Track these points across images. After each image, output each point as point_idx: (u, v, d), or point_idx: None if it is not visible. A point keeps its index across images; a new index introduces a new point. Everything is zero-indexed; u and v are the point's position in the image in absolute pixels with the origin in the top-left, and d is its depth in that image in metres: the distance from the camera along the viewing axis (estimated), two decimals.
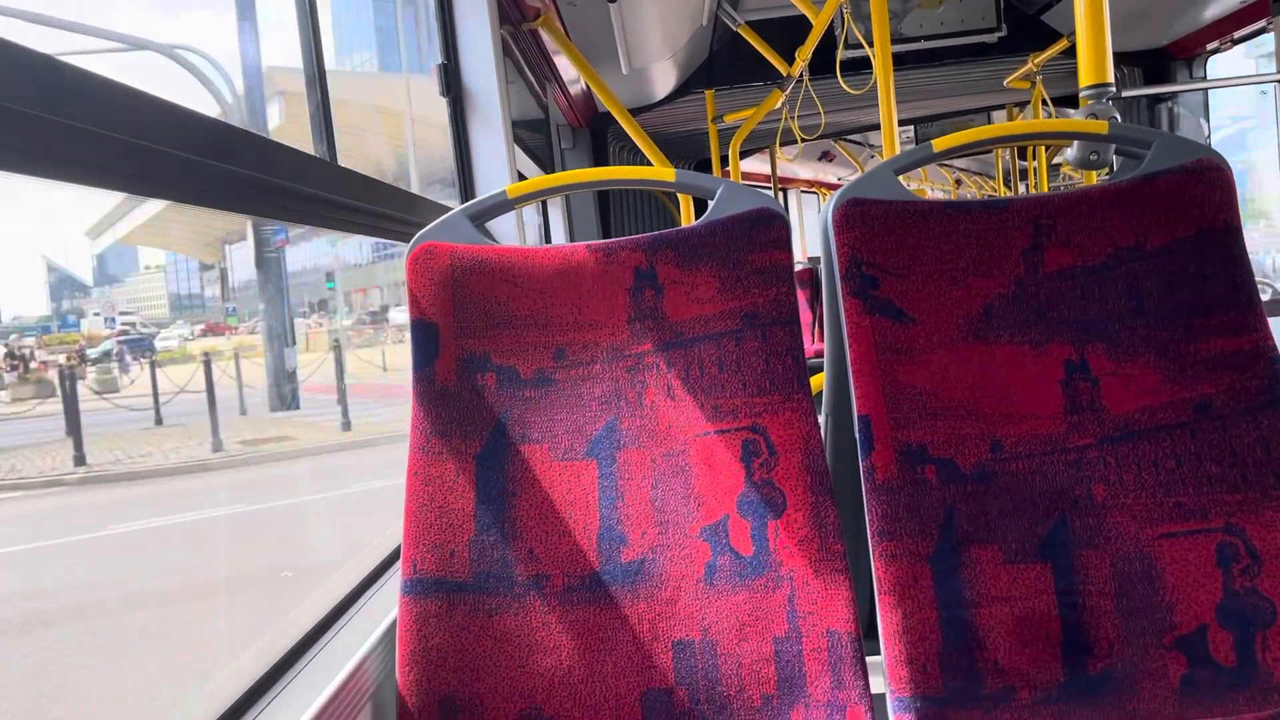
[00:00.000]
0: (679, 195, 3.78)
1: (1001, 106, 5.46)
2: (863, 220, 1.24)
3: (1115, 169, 1.36)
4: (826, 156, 8.64)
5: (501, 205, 1.33)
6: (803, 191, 11.60)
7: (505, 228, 2.04)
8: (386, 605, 1.30)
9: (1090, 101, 1.39)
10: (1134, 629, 1.13)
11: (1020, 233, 1.25)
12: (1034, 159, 6.83)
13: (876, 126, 2.74)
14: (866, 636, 1.17)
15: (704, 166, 6.26)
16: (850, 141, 7.43)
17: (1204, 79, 4.24)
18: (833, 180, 10.91)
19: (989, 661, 1.12)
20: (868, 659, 1.14)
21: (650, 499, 1.21)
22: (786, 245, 1.26)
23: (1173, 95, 4.21)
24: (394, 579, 1.40)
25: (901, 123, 2.88)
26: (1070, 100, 5.11)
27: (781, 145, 4.80)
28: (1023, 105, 5.35)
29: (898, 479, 1.17)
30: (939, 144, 1.31)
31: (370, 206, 1.46)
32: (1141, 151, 1.28)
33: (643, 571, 1.19)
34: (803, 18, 3.17)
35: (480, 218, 1.32)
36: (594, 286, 1.28)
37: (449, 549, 1.20)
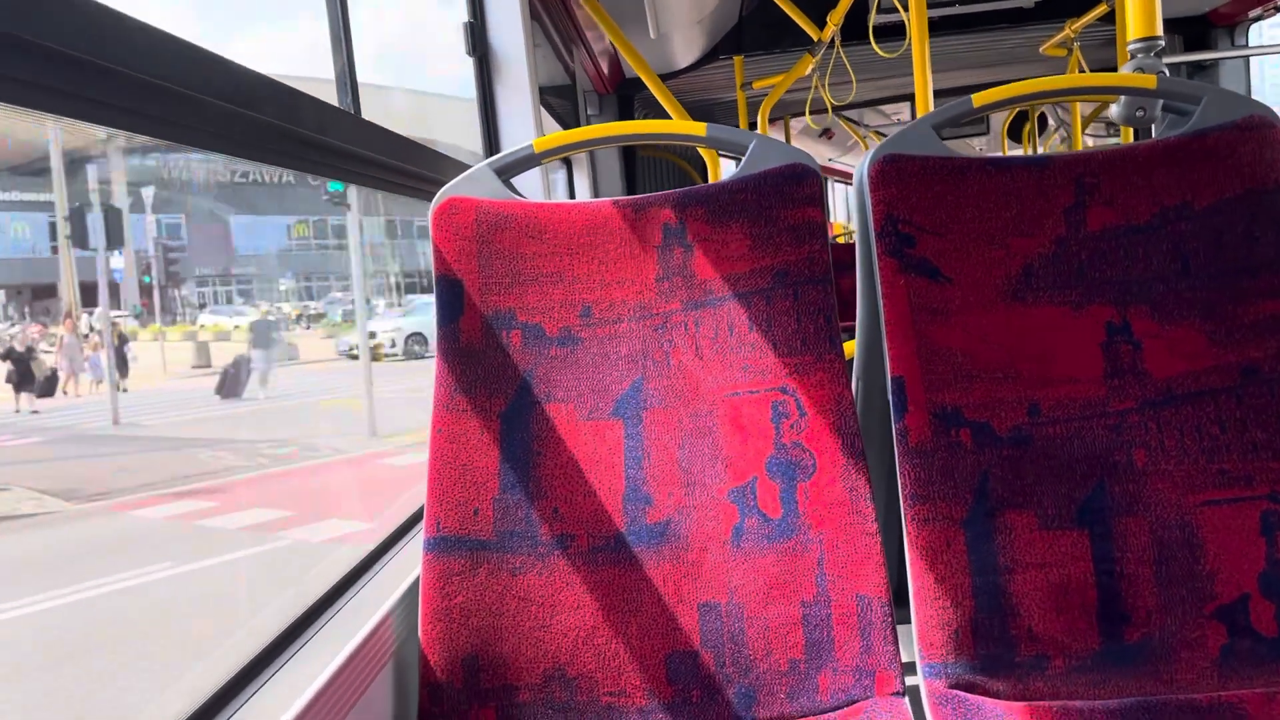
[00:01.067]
0: (705, 157, 3.73)
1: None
2: (899, 177, 1.21)
3: (1159, 129, 1.32)
4: (826, 134, 8.51)
5: (528, 160, 1.31)
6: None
7: (531, 186, 2.01)
8: (410, 563, 1.29)
9: (1138, 56, 1.35)
10: (1173, 597, 1.10)
11: (1062, 190, 1.22)
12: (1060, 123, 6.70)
13: (909, 96, 2.69)
14: (896, 602, 1.15)
15: None
16: (846, 118, 7.31)
17: (1246, 46, 4.14)
18: (822, 161, 10.77)
19: (1023, 628, 1.10)
20: (898, 623, 1.12)
21: (677, 459, 1.19)
22: (819, 202, 1.23)
23: (1214, 62, 4.11)
24: (418, 537, 1.39)
25: (936, 93, 2.82)
26: (1106, 70, 5.00)
27: (811, 113, 4.73)
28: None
29: (931, 442, 1.14)
30: (978, 99, 1.27)
31: (394, 163, 1.44)
32: (1190, 108, 1.23)
33: (669, 532, 1.17)
34: None
35: (506, 172, 1.30)
36: (621, 243, 1.25)
37: (472, 507, 1.18)
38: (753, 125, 4.43)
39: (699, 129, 1.30)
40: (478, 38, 2.04)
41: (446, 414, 1.21)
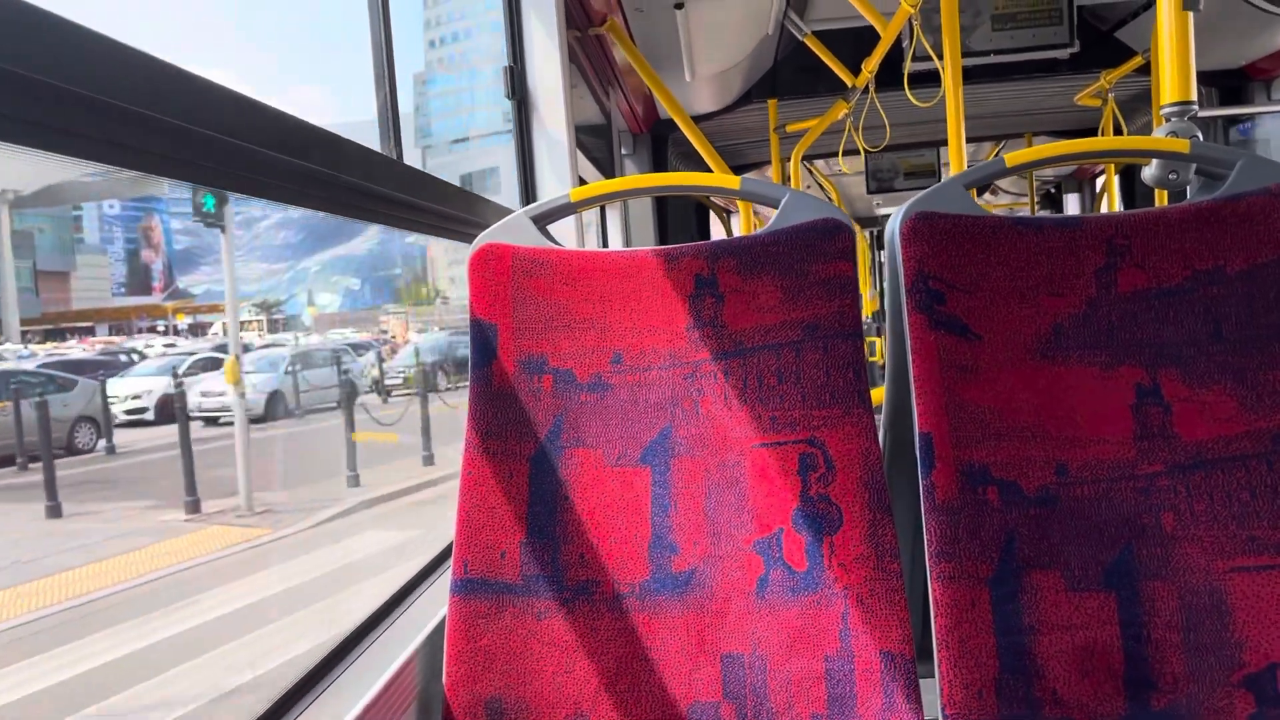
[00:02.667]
0: (740, 204, 3.76)
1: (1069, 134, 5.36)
2: (931, 234, 1.22)
3: (1193, 190, 1.32)
4: None
5: (564, 208, 1.33)
6: None
7: (564, 231, 2.04)
8: (436, 604, 1.30)
9: (1172, 120, 1.35)
10: (1201, 665, 1.09)
11: (1094, 251, 1.22)
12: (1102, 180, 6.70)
13: (942, 142, 2.70)
14: (920, 658, 1.14)
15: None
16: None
17: None
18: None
19: (1047, 691, 1.09)
20: (921, 681, 1.11)
21: (703, 509, 1.20)
22: (851, 256, 1.25)
23: (1250, 117, 4.10)
24: (443, 578, 1.40)
25: (968, 139, 2.84)
26: (1140, 120, 5.00)
27: (844, 156, 4.76)
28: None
29: (958, 499, 1.14)
30: (1011, 159, 1.28)
31: (434, 206, 1.47)
32: (1223, 172, 1.24)
33: (693, 582, 1.18)
34: (870, 28, 3.14)
35: (542, 220, 1.32)
36: (654, 292, 1.27)
37: (500, 550, 1.19)
38: (785, 160, 4.46)
39: (733, 182, 1.32)
40: (517, 81, 2.08)
41: (477, 456, 1.22)
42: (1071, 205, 7.69)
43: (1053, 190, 7.84)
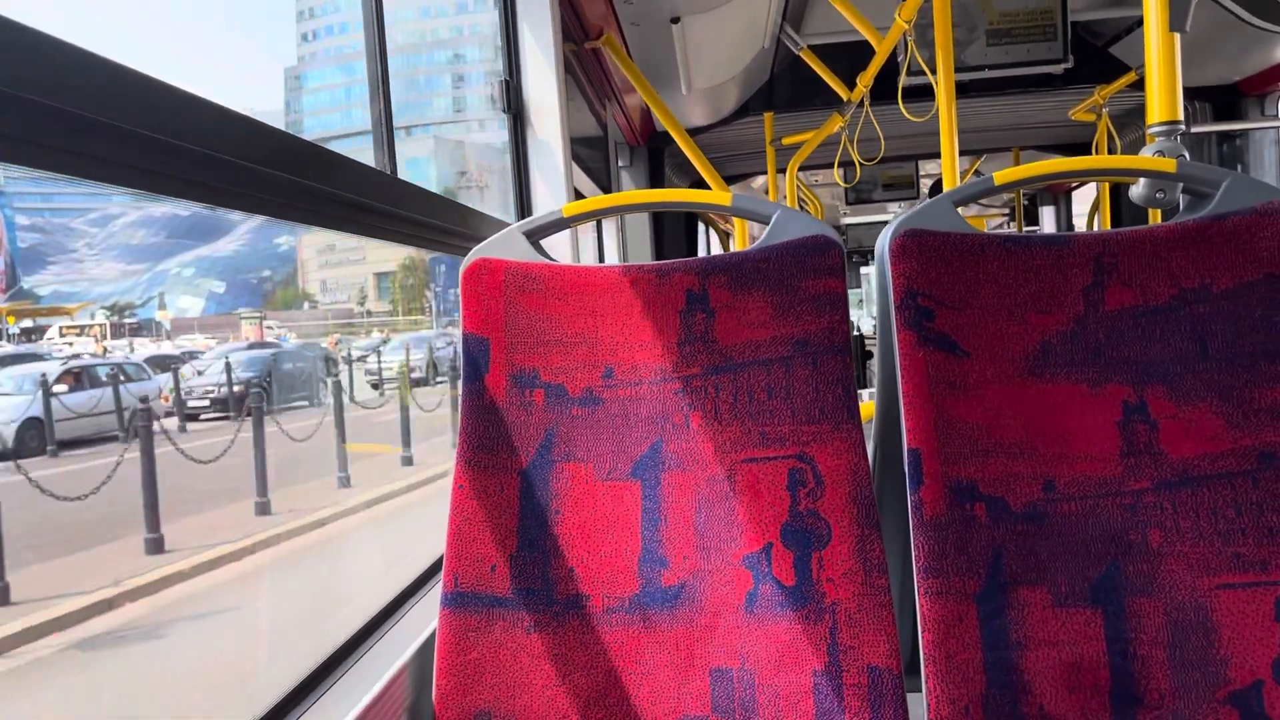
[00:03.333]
0: (735, 219, 3.78)
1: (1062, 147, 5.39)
2: (920, 251, 1.23)
3: (1181, 208, 1.33)
4: None
5: (558, 223, 1.34)
6: None
7: (559, 245, 2.05)
8: (425, 617, 1.31)
9: (1159, 139, 1.37)
10: (1186, 681, 1.10)
11: (1081, 270, 1.23)
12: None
13: (936, 155, 2.71)
14: (908, 673, 1.15)
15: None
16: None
17: (1275, 117, 4.15)
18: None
19: (1034, 707, 1.10)
20: (908, 696, 1.12)
21: (693, 523, 1.21)
22: (841, 273, 1.25)
23: (1243, 133, 4.12)
24: (433, 591, 1.41)
25: (962, 152, 2.86)
26: (1135, 136, 5.03)
27: (839, 168, 4.78)
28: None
29: (946, 515, 1.15)
30: (1000, 177, 1.29)
31: (427, 220, 1.48)
32: (1210, 191, 1.25)
33: (683, 596, 1.18)
34: (865, 43, 3.15)
35: (536, 235, 1.33)
36: (645, 307, 1.28)
37: (490, 563, 1.20)
38: (781, 172, 4.48)
39: (725, 198, 1.33)
40: (513, 95, 2.09)
41: (468, 469, 1.23)
42: (1048, 219, 7.72)
43: (1026, 204, 7.87)
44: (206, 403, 12.93)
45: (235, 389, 12.88)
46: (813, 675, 1.12)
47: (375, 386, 16.32)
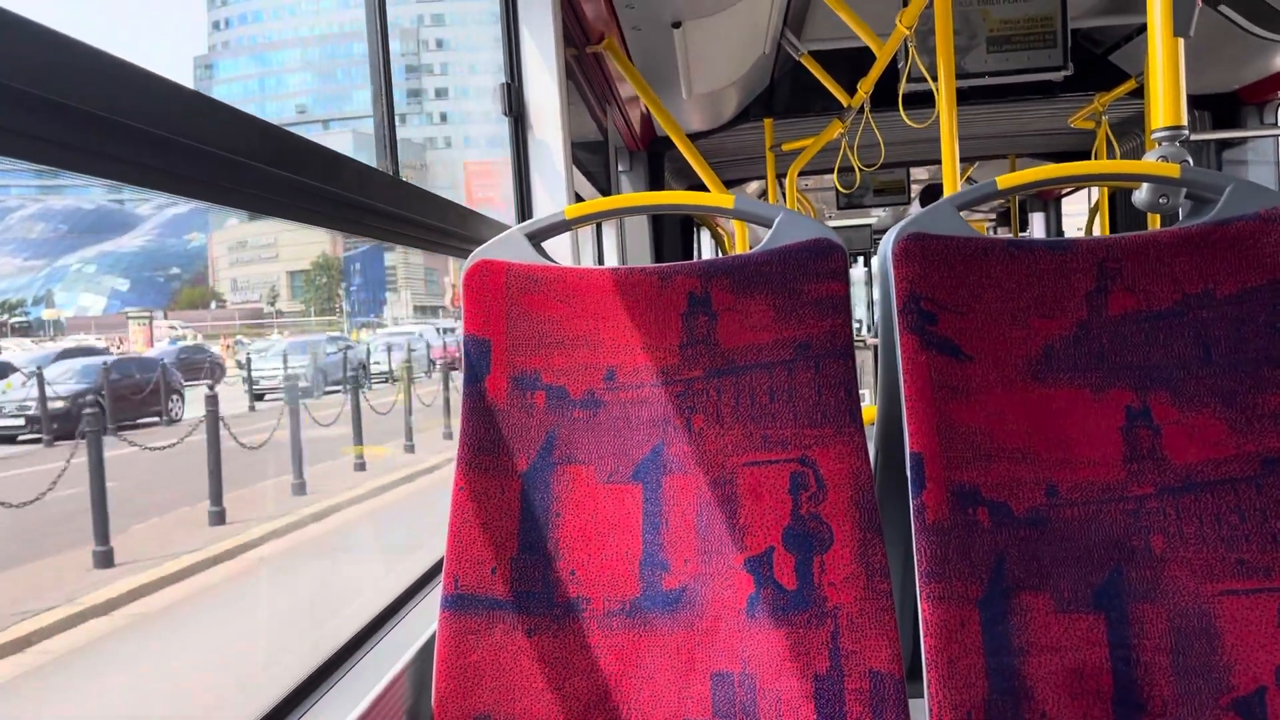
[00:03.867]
0: (735, 222, 3.78)
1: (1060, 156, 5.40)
2: (923, 255, 1.23)
3: (1183, 214, 1.33)
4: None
5: (559, 225, 1.34)
6: None
7: (560, 247, 2.05)
8: (426, 620, 1.30)
9: (1162, 144, 1.37)
10: (1189, 688, 1.09)
11: (1084, 274, 1.23)
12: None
13: (936, 161, 2.72)
14: (909, 678, 1.14)
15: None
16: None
17: (1275, 125, 4.16)
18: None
19: (1036, 713, 1.09)
20: (910, 701, 1.12)
21: (694, 526, 1.20)
22: (844, 276, 1.25)
23: (1242, 140, 4.13)
24: (433, 593, 1.40)
25: (963, 159, 2.86)
26: (1135, 142, 5.04)
27: (839, 176, 4.78)
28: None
29: (949, 520, 1.15)
30: (1003, 181, 1.29)
31: (430, 221, 1.48)
32: (1213, 196, 1.25)
33: (684, 599, 1.18)
34: (866, 49, 3.16)
35: (537, 237, 1.33)
36: (647, 310, 1.28)
37: (490, 566, 1.19)
38: (781, 178, 4.49)
39: (726, 201, 1.32)
40: (514, 99, 2.09)
41: (469, 471, 1.23)
42: (1037, 224, 7.74)
43: (1008, 209, 7.91)
44: (21, 421, 10.86)
45: (60, 404, 10.87)
46: (814, 680, 1.12)
47: (259, 398, 14.72)
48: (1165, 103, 1.36)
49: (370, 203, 1.24)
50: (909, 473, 1.17)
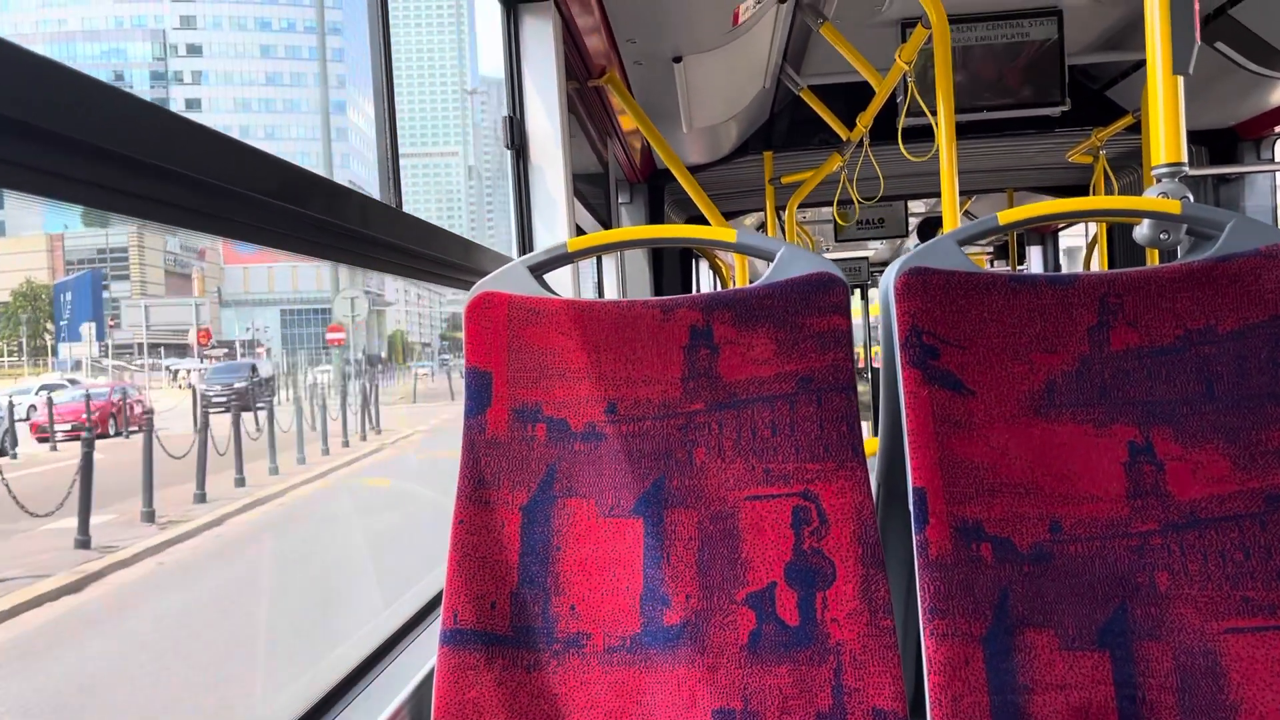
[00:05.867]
0: (736, 256, 3.79)
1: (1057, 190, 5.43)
2: (924, 289, 1.23)
3: (1183, 249, 1.34)
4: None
5: (561, 258, 1.34)
6: None
7: (561, 277, 2.05)
8: (424, 655, 1.29)
9: (1163, 180, 1.37)
10: None
11: (1086, 310, 1.23)
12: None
13: (934, 194, 2.73)
14: (912, 715, 1.13)
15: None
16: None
17: (1272, 160, 4.19)
18: None
19: None
20: None
21: (696, 561, 1.19)
22: (845, 310, 1.25)
23: (1240, 176, 4.16)
24: (432, 628, 1.39)
25: (962, 192, 2.88)
26: (1130, 177, 5.07)
27: (838, 207, 4.81)
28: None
29: (952, 555, 1.14)
30: (1004, 217, 1.30)
31: (432, 253, 1.48)
32: (1214, 233, 1.25)
33: (684, 635, 1.17)
34: (865, 83, 3.18)
35: (539, 269, 1.33)
36: (649, 342, 1.27)
37: (490, 600, 1.18)
38: (780, 210, 4.51)
39: (729, 235, 1.33)
40: (515, 131, 2.10)
41: (469, 505, 1.22)
42: (1034, 257, 7.78)
43: (1006, 242, 7.95)
44: None
45: None
46: (817, 718, 1.11)
47: None
48: (1166, 139, 1.37)
49: (373, 235, 1.25)
50: (911, 508, 1.17)
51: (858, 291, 11.05)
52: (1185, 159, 1.36)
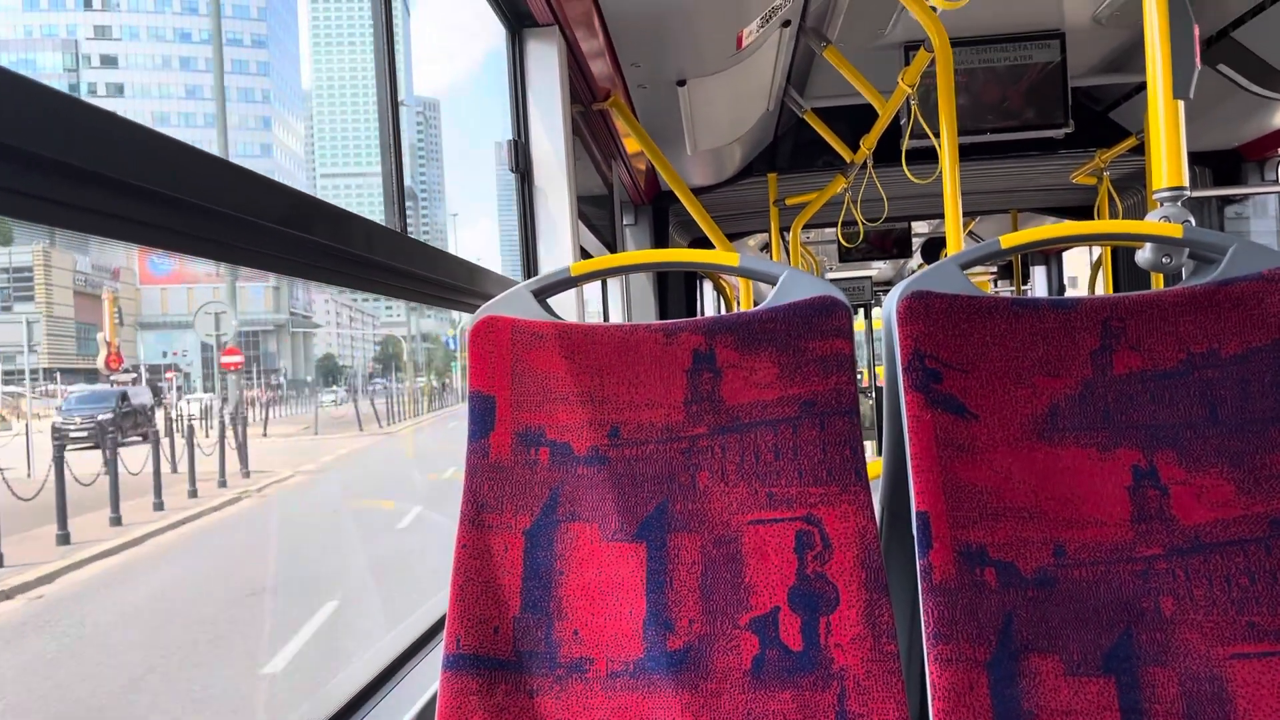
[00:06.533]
0: (740, 279, 3.80)
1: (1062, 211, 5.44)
2: (926, 313, 1.23)
3: (1186, 272, 1.34)
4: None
5: (565, 282, 1.35)
6: None
7: (565, 299, 2.06)
8: (427, 679, 1.29)
9: (1164, 204, 1.38)
10: None
11: (1089, 333, 1.23)
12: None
13: (938, 215, 2.74)
14: None
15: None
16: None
17: (1276, 182, 4.19)
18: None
19: None
20: None
21: (699, 585, 1.19)
22: (848, 334, 1.26)
23: (1244, 197, 4.16)
24: (434, 653, 1.39)
25: (966, 213, 2.90)
26: (1134, 198, 5.08)
27: (842, 229, 4.82)
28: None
29: (956, 580, 1.14)
30: (1007, 240, 1.30)
31: (436, 277, 1.49)
32: (1216, 256, 1.25)
33: (688, 660, 1.17)
34: (868, 106, 3.20)
35: (543, 293, 1.34)
36: (652, 366, 1.28)
37: (493, 625, 1.18)
38: (784, 231, 4.52)
39: (732, 259, 1.33)
40: (521, 155, 2.11)
41: (472, 529, 1.22)
42: (1038, 277, 7.78)
43: (1009, 262, 7.96)
44: None
45: None
46: None
47: None
48: (1167, 163, 1.37)
49: (378, 259, 1.25)
50: (915, 531, 1.17)
51: (861, 311, 11.07)
52: (1187, 183, 1.37)
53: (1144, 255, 1.33)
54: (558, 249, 2.09)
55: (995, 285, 9.65)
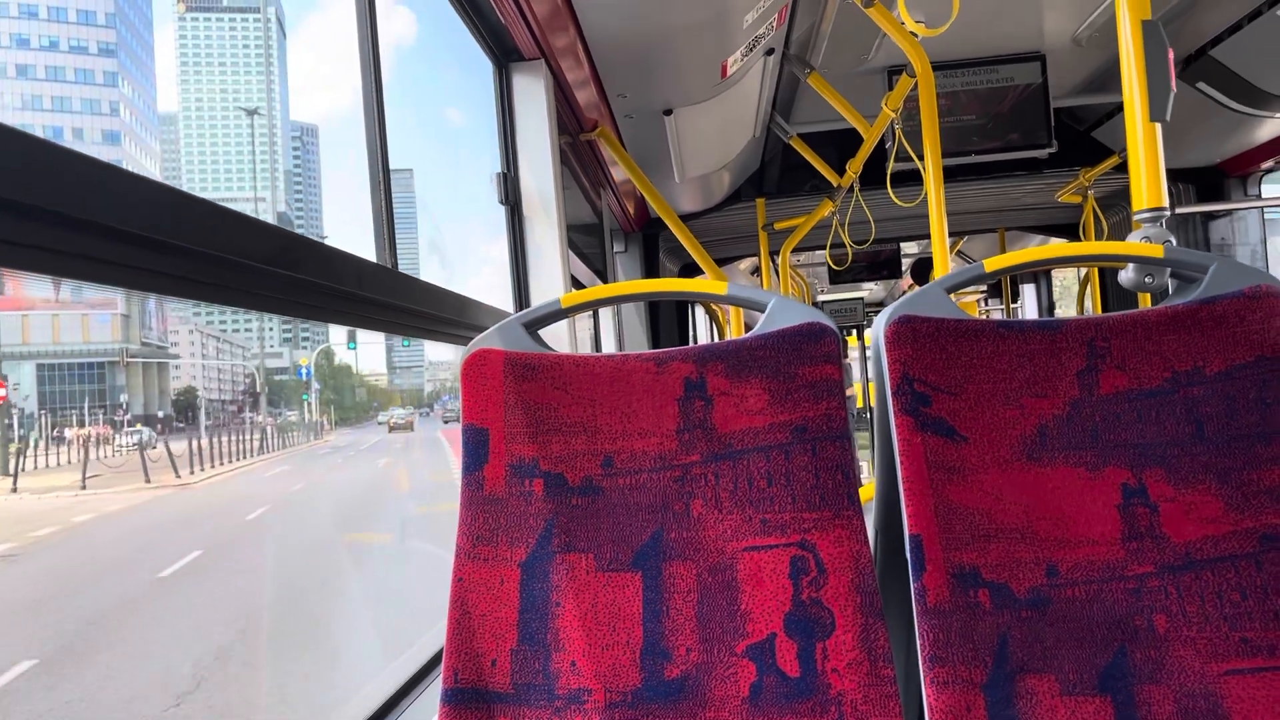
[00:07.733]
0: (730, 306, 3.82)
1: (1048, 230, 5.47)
2: (914, 337, 1.24)
3: (1171, 290, 1.35)
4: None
5: (556, 314, 1.36)
6: None
7: (558, 330, 2.07)
8: (425, 714, 1.28)
9: (1145, 225, 1.40)
10: None
11: (1074, 354, 1.24)
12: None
13: (927, 236, 2.76)
14: None
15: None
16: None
17: (1258, 197, 4.23)
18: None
19: None
20: None
21: (695, 613, 1.19)
22: (837, 360, 1.26)
23: (1227, 213, 4.20)
24: (433, 687, 1.38)
25: (952, 232, 2.93)
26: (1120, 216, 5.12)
27: (831, 252, 4.85)
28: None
29: (950, 602, 1.14)
30: (990, 264, 1.31)
31: (429, 311, 1.50)
32: (1198, 275, 1.27)
33: (685, 689, 1.17)
34: (853, 130, 3.23)
35: (534, 325, 1.35)
36: (643, 395, 1.28)
37: (490, 658, 1.18)
38: (773, 255, 4.54)
39: (720, 288, 1.34)
40: (510, 188, 2.13)
41: (468, 562, 1.22)
42: (1028, 295, 7.83)
43: (999, 282, 8.01)
44: None
45: None
46: None
47: None
48: (1147, 184, 1.39)
49: (370, 295, 1.26)
50: (908, 555, 1.17)
51: (854, 331, 11.10)
52: (1166, 203, 1.38)
53: (1127, 275, 1.35)
54: (548, 280, 2.10)
55: (985, 304, 9.70)
